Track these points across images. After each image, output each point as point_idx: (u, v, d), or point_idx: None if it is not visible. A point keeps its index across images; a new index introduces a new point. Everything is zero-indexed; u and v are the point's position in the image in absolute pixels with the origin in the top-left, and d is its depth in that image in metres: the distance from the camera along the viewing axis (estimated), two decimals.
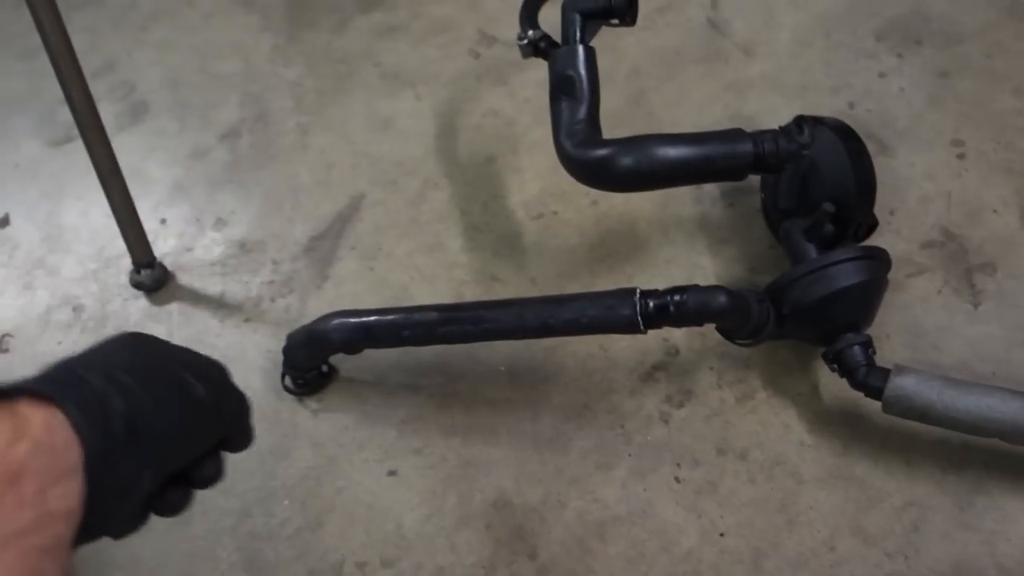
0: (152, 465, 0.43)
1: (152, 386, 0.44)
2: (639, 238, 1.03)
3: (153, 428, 0.43)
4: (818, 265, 0.81)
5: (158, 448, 0.43)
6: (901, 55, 1.10)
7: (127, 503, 0.43)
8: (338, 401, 0.99)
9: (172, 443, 0.45)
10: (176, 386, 0.46)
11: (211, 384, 0.48)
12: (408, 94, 1.26)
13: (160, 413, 0.44)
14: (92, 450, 0.39)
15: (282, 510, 0.93)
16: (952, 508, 0.80)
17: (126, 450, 0.41)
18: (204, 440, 0.48)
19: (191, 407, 0.46)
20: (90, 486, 0.39)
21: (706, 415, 0.89)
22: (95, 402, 0.41)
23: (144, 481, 0.43)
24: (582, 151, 0.86)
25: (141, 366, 0.45)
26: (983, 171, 0.98)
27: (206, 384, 0.48)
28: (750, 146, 0.86)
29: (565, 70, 0.89)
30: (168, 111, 1.34)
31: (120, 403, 0.41)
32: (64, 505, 0.37)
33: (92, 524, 0.40)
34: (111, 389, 0.42)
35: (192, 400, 0.46)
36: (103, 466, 0.39)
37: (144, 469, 0.43)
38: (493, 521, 0.88)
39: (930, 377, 0.78)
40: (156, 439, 0.43)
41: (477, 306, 0.86)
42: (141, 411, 0.42)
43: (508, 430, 0.93)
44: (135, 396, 0.42)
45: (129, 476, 0.42)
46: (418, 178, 1.16)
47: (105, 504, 0.41)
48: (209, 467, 0.51)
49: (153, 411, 0.43)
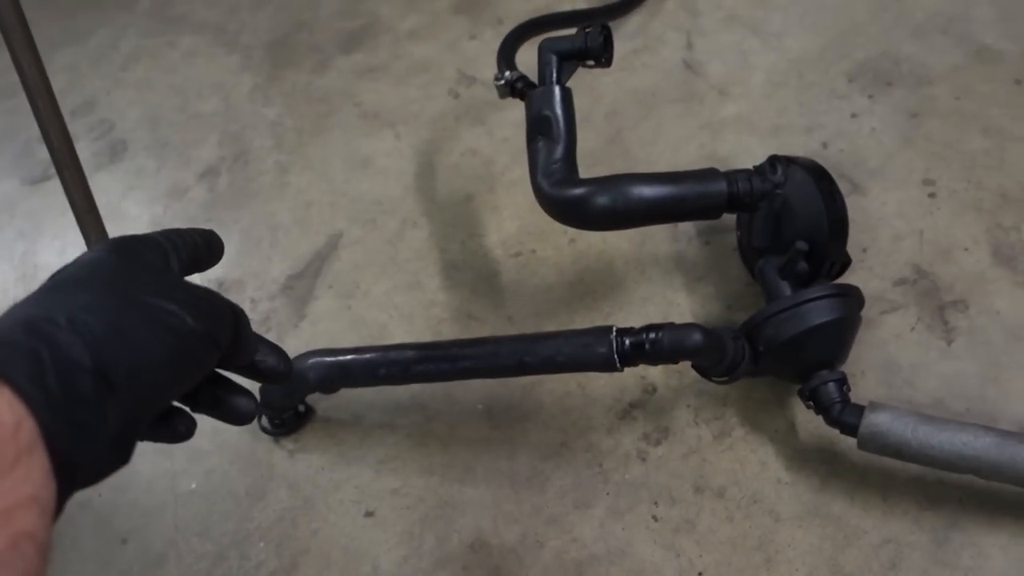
0: (141, 408, 0.41)
1: (126, 326, 0.41)
2: (616, 276, 1.04)
3: (136, 373, 0.40)
4: (792, 303, 0.82)
5: (145, 392, 0.41)
6: (872, 96, 1.12)
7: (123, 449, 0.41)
8: (314, 441, 0.98)
9: (162, 383, 0.42)
10: (158, 321, 0.42)
11: (199, 311, 0.45)
12: (387, 133, 1.27)
13: (142, 355, 0.41)
14: (52, 421, 0.36)
15: (257, 553, 0.91)
16: (929, 545, 0.80)
17: (100, 406, 0.38)
18: (202, 369, 0.46)
19: (179, 340, 0.43)
20: (59, 456, 0.36)
21: (683, 453, 0.89)
22: (55, 361, 0.37)
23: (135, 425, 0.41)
24: (559, 190, 0.87)
25: (111, 302, 0.42)
26: (954, 209, 1.00)
27: (194, 311, 0.44)
28: (724, 185, 0.87)
29: (542, 110, 0.90)
30: (147, 150, 1.34)
31: (85, 357, 0.38)
32: (27, 490, 0.35)
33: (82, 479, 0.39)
34: (75, 340, 0.39)
35: (179, 332, 0.43)
36: (73, 433, 0.37)
37: (132, 415, 0.40)
38: (470, 562, 0.87)
39: (904, 414, 0.78)
40: (140, 384, 0.40)
41: (453, 344, 0.86)
42: (116, 358, 0.39)
43: (485, 469, 0.92)
44: (106, 343, 0.39)
45: (117, 426, 0.39)
46: (396, 217, 1.16)
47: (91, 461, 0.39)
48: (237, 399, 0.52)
49: (132, 355, 0.40)
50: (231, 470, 0.97)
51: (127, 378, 0.40)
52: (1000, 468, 0.74)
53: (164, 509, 0.96)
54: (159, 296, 0.44)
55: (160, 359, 0.42)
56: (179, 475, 0.98)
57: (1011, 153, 1.03)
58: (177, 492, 0.97)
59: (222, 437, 1.00)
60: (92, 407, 0.38)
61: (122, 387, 0.39)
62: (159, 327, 0.42)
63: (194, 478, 0.97)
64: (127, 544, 0.94)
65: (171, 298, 0.44)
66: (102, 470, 0.41)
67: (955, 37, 1.16)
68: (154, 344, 0.42)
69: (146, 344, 0.41)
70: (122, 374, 0.39)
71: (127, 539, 0.95)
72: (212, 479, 0.97)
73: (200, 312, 0.45)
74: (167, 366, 0.42)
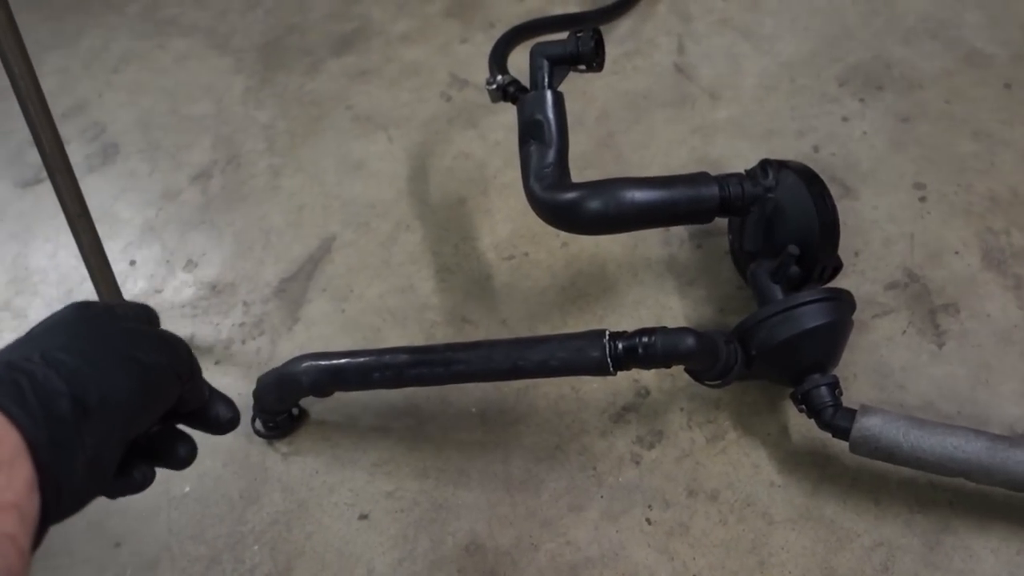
0: (115, 434, 0.44)
1: (97, 360, 0.45)
2: (609, 279, 1.04)
3: (108, 400, 0.43)
4: (784, 307, 0.82)
5: (118, 417, 0.44)
6: (863, 100, 1.13)
7: (98, 474, 0.44)
8: (308, 444, 0.98)
9: (132, 410, 0.46)
10: (122, 354, 0.46)
11: (160, 347, 0.49)
12: (380, 136, 1.27)
13: (112, 384, 0.44)
14: (36, 436, 0.39)
15: (251, 556, 0.91)
16: (921, 548, 0.80)
17: (78, 427, 0.42)
18: (166, 399, 0.49)
19: (144, 372, 0.47)
20: (43, 471, 0.39)
21: (677, 456, 0.90)
22: (34, 388, 0.41)
23: (110, 450, 0.44)
24: (551, 194, 0.87)
25: (82, 344, 0.46)
26: (944, 213, 1.01)
27: (155, 346, 0.48)
28: (716, 190, 0.87)
29: (534, 114, 0.90)
30: (139, 153, 1.34)
31: (61, 384, 0.42)
32: (8, 497, 0.37)
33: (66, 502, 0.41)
34: (50, 373, 0.42)
35: (144, 365, 0.47)
36: (54, 450, 0.40)
37: (106, 439, 0.43)
38: (465, 565, 0.87)
39: (896, 417, 0.78)
40: (112, 411, 0.44)
41: (447, 348, 0.86)
42: (88, 387, 0.43)
43: (479, 472, 0.92)
44: (79, 374, 0.43)
45: (92, 449, 0.42)
46: (390, 220, 1.16)
47: (71, 481, 0.41)
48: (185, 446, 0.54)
49: (102, 384, 0.44)
50: (225, 473, 0.97)
51: (100, 405, 0.43)
52: (990, 472, 0.75)
53: (158, 513, 0.96)
54: (122, 336, 0.48)
55: (129, 388, 0.45)
56: (172, 479, 0.98)
57: (1001, 157, 1.03)
58: (171, 495, 0.97)
59: (215, 440, 0.99)
60: (70, 427, 0.41)
61: (96, 412, 0.43)
62: (126, 361, 0.46)
63: (188, 481, 0.97)
64: (121, 548, 0.94)
65: (133, 337, 0.49)
66: (81, 495, 0.43)
67: (945, 41, 1.17)
68: (122, 375, 0.45)
69: (115, 375, 0.45)
70: (95, 400, 0.43)
71: (121, 543, 0.94)
72: (206, 482, 0.97)
73: (161, 348, 0.49)
74: (136, 395, 0.46)
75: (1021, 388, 0.87)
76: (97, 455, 0.43)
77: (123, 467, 0.49)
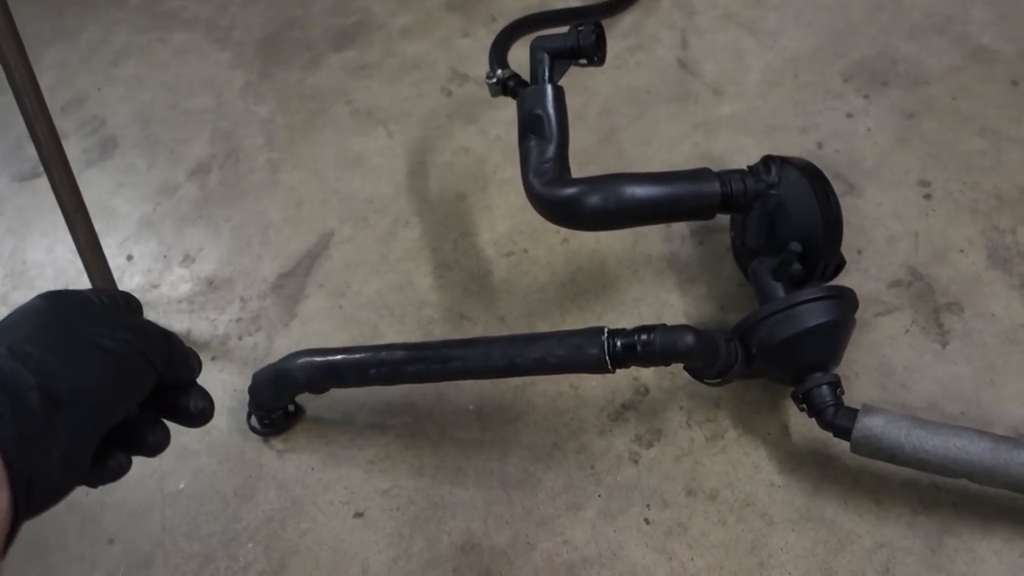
0: (88, 425, 0.43)
1: (65, 350, 0.44)
2: (609, 276, 1.03)
3: (78, 391, 0.43)
4: (785, 304, 0.81)
5: (91, 408, 0.43)
6: (868, 96, 1.12)
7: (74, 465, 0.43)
8: (304, 441, 0.97)
9: (104, 400, 0.44)
10: (92, 344, 0.45)
11: (131, 334, 0.48)
12: (380, 131, 1.26)
13: (82, 375, 0.43)
14: (3, 432, 0.38)
15: (245, 554, 0.90)
16: (923, 550, 0.79)
17: (49, 420, 0.41)
18: (140, 387, 0.48)
19: (115, 361, 0.46)
20: (11, 466, 0.38)
21: (676, 455, 0.89)
22: (1, 385, 0.40)
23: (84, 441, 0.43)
24: (550, 190, 0.86)
25: (51, 334, 0.45)
26: (949, 211, 0.99)
27: (126, 334, 0.47)
28: (718, 185, 0.86)
29: (534, 109, 0.89)
30: (137, 147, 1.33)
31: (29, 377, 0.41)
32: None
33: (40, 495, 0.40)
34: (17, 366, 0.41)
35: (114, 353, 0.46)
36: (22, 444, 0.39)
37: (80, 431, 0.43)
38: (460, 564, 0.86)
39: (898, 418, 0.77)
40: (84, 401, 0.43)
41: (444, 345, 0.85)
42: (57, 378, 0.42)
43: (476, 470, 0.91)
44: (47, 365, 0.42)
45: (66, 442, 0.41)
46: (388, 216, 1.15)
47: (44, 475, 0.40)
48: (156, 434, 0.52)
49: (73, 375, 0.43)
50: (220, 470, 0.96)
51: (71, 396, 0.42)
52: (994, 473, 0.73)
53: (152, 509, 0.95)
54: (92, 325, 0.47)
55: (100, 378, 0.44)
56: (167, 475, 0.97)
57: (1007, 154, 1.02)
58: (165, 492, 0.96)
59: (210, 437, 0.99)
60: (41, 422, 0.40)
61: (68, 404, 0.42)
62: (96, 350, 0.45)
63: (182, 478, 0.96)
64: (114, 544, 0.93)
65: (103, 325, 0.47)
66: (58, 487, 0.42)
67: (952, 37, 1.16)
68: (93, 365, 0.44)
69: (85, 365, 0.44)
70: (65, 392, 0.42)
71: (114, 539, 0.94)
72: (200, 479, 0.96)
73: (132, 335, 0.48)
74: (107, 384, 0.45)
75: None
76: (72, 447, 0.42)
77: (98, 456, 0.48)
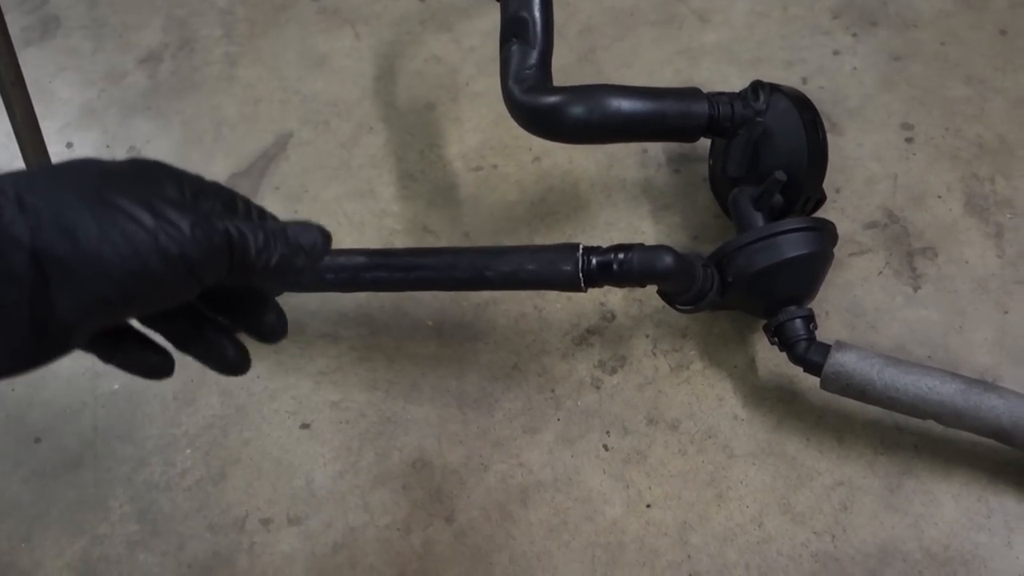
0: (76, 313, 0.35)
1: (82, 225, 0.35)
2: (581, 198, 0.99)
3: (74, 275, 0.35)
4: (766, 233, 0.78)
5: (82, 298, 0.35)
6: (856, 35, 1.08)
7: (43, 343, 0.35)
8: (251, 348, 0.92)
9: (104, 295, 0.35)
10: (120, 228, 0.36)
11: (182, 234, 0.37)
12: (347, 32, 1.19)
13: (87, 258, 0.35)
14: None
15: (183, 459, 0.86)
16: (881, 490, 0.78)
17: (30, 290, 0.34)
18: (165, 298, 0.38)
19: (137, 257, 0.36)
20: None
21: (639, 383, 0.86)
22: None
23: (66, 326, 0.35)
24: (531, 97, 0.81)
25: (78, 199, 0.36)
26: (930, 156, 0.97)
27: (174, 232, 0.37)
28: (706, 106, 0.82)
29: (519, 11, 0.84)
30: (82, 28, 1.24)
31: (26, 235, 0.34)
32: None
33: None
34: (18, 218, 0.34)
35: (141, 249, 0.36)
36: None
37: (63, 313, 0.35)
38: (411, 481, 0.83)
39: (871, 355, 0.76)
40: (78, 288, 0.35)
41: (408, 252, 0.80)
42: (56, 252, 0.34)
43: (432, 387, 0.88)
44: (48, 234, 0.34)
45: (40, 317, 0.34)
46: (352, 120, 1.09)
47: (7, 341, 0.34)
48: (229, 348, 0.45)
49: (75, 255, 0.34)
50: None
51: (65, 278, 0.34)
52: (962, 415, 0.72)
53: (83, 409, 0.90)
54: (136, 204, 0.37)
55: (107, 269, 0.35)
56: (101, 375, 0.92)
57: (992, 103, 1.00)
58: (98, 392, 0.91)
59: None
60: (21, 288, 0.34)
61: (57, 282, 0.34)
62: (119, 236, 0.36)
63: (117, 379, 0.91)
64: (41, 443, 0.88)
65: (150, 210, 0.37)
66: (20, 358, 0.36)
67: None
68: (106, 251, 0.35)
69: (97, 249, 0.35)
70: (60, 272, 0.34)
71: (41, 438, 0.88)
72: (137, 381, 0.89)
73: (182, 236, 0.37)
74: (114, 279, 0.36)
75: (993, 337, 0.85)
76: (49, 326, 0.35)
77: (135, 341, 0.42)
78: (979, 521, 0.76)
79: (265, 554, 0.81)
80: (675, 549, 0.77)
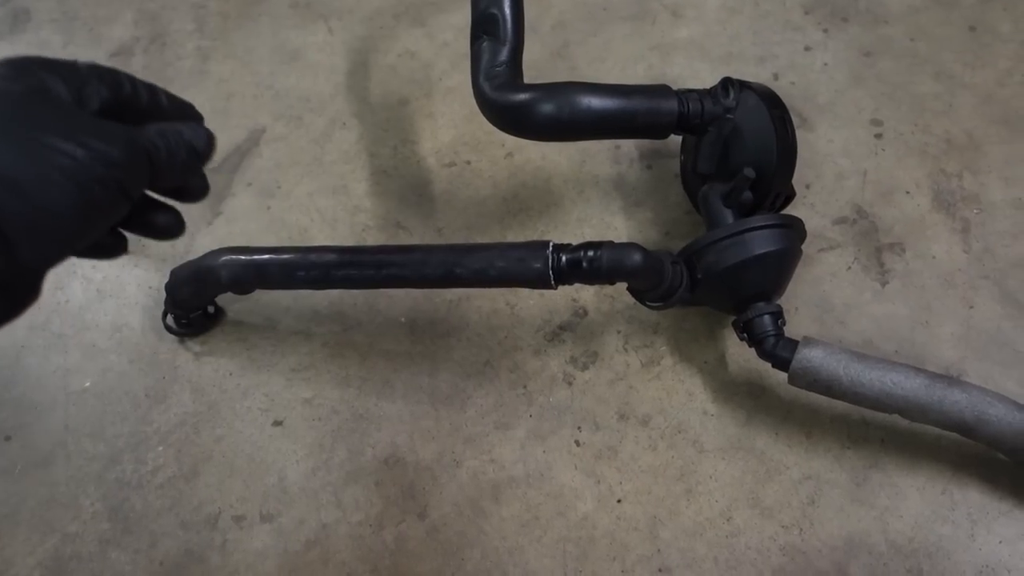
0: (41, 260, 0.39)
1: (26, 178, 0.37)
2: (553, 194, 0.99)
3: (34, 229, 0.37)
4: (735, 230, 0.79)
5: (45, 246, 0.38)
6: (827, 30, 1.09)
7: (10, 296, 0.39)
8: (223, 345, 0.92)
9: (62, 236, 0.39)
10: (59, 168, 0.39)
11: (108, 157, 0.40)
12: (320, 26, 1.18)
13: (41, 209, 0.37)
14: None
15: (155, 457, 0.86)
16: (848, 483, 0.79)
17: None
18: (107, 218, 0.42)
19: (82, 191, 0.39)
20: None
21: (610, 379, 0.87)
22: None
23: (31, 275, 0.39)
24: (501, 94, 0.81)
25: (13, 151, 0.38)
26: (899, 152, 0.98)
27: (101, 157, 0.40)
28: (675, 104, 0.83)
29: (489, 8, 0.84)
30: (52, 22, 1.23)
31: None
32: None
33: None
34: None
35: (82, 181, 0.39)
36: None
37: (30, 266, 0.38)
38: (383, 478, 0.83)
39: (837, 351, 0.76)
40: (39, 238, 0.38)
41: (379, 250, 0.81)
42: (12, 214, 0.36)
43: (404, 384, 0.88)
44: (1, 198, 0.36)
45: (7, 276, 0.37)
46: (325, 116, 1.09)
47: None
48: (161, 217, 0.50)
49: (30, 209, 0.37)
50: (130, 370, 0.91)
51: (27, 234, 0.37)
52: (926, 410, 0.73)
53: (54, 407, 0.89)
54: (62, 137, 0.39)
55: (60, 211, 0.38)
56: (72, 372, 0.91)
57: (960, 99, 1.01)
58: (69, 390, 0.90)
59: (121, 335, 0.93)
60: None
61: (20, 243, 0.37)
62: (60, 176, 0.39)
63: (88, 376, 0.91)
64: (11, 441, 0.87)
65: (75, 140, 0.40)
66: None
67: None
68: (54, 195, 0.38)
69: (45, 196, 0.38)
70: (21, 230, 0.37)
71: (11, 436, 0.88)
72: (108, 378, 0.91)
73: (108, 159, 0.41)
74: (68, 219, 0.39)
75: (959, 331, 0.86)
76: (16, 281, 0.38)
77: None
78: (943, 513, 0.77)
79: (237, 551, 0.81)
80: (645, 543, 0.78)
